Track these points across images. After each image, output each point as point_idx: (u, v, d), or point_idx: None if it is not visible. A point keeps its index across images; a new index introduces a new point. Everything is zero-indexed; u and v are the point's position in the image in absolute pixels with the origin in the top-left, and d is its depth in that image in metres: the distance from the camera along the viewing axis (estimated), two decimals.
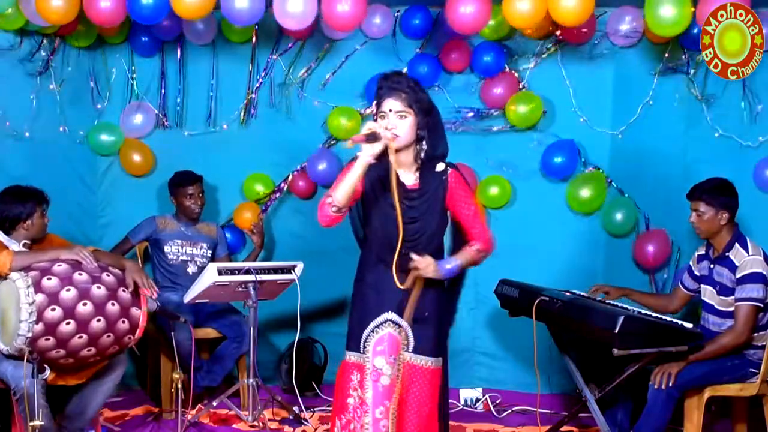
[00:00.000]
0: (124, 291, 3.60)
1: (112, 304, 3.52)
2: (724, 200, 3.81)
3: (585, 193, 4.79)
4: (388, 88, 3.12)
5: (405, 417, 3.21)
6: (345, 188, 3.03)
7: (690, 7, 4.19)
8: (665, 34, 4.36)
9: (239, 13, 4.33)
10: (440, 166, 3.20)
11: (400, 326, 3.18)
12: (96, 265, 3.58)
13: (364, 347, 3.21)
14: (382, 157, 3.04)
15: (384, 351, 3.18)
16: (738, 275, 3.72)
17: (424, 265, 3.08)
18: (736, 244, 3.78)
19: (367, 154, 3.00)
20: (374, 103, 3.17)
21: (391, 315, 3.17)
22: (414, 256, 3.09)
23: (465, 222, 3.25)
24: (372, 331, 3.21)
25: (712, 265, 3.88)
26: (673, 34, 4.36)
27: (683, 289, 4.09)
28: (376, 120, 3.13)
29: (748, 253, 3.73)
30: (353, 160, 3.15)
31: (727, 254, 3.79)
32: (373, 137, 3.00)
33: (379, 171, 3.10)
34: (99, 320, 3.48)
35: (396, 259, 3.08)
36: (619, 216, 4.77)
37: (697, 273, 4.00)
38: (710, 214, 3.81)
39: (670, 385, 3.63)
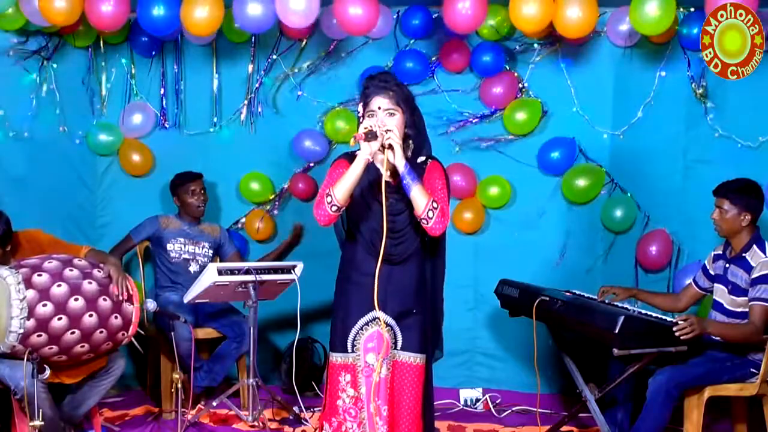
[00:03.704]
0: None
1: (104, 300, 3.52)
2: (749, 202, 3.80)
3: (581, 182, 4.78)
4: (376, 86, 3.15)
5: (396, 414, 3.22)
6: (346, 186, 3.07)
7: (674, 6, 4.19)
8: (649, 33, 4.37)
9: (252, 20, 4.40)
10: (421, 158, 3.24)
11: (388, 324, 3.20)
12: (87, 262, 3.59)
13: (353, 346, 3.23)
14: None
15: (375, 348, 3.20)
16: (753, 275, 3.71)
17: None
18: (754, 246, 3.78)
19: (366, 152, 3.04)
20: (360, 103, 3.19)
21: (379, 313, 3.17)
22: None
23: None
24: (361, 329, 3.22)
25: (727, 265, 3.87)
26: (657, 33, 4.36)
27: (695, 287, 4.09)
28: (362, 120, 3.15)
29: (765, 254, 3.73)
30: (340, 158, 3.20)
31: (743, 255, 3.79)
32: (371, 135, 3.02)
33: (368, 172, 3.13)
34: (91, 315, 3.47)
35: (381, 254, 3.08)
36: (618, 212, 4.76)
37: (711, 272, 3.99)
38: (733, 213, 3.80)
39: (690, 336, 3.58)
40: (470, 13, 4.32)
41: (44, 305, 3.38)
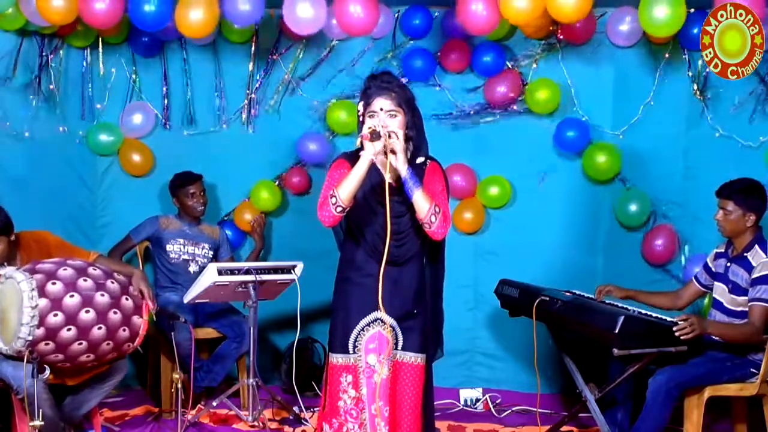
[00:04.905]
0: (127, 299, 3.59)
1: (114, 313, 3.51)
2: (753, 202, 3.78)
3: (601, 158, 4.71)
4: (378, 87, 3.14)
5: (398, 414, 3.23)
6: (350, 187, 3.07)
7: (684, 8, 4.19)
8: (660, 35, 4.36)
9: (241, 14, 4.35)
10: (420, 159, 3.23)
11: (390, 325, 3.19)
12: (101, 272, 3.58)
13: (355, 347, 3.23)
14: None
15: (376, 349, 3.20)
16: (754, 275, 3.70)
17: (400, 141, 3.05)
18: (756, 246, 3.77)
19: (370, 152, 3.03)
20: (361, 103, 3.18)
21: (380, 314, 3.17)
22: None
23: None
24: (362, 330, 3.22)
25: (728, 264, 3.87)
26: (667, 35, 4.35)
27: (696, 284, 4.09)
28: (363, 121, 3.14)
29: (767, 255, 3.72)
30: (340, 158, 3.20)
31: (745, 255, 3.78)
32: (376, 135, 3.02)
33: (369, 174, 3.12)
34: (100, 328, 3.47)
35: (386, 256, 3.07)
36: (633, 207, 4.72)
37: (713, 270, 3.99)
38: (737, 214, 3.79)
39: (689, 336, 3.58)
40: (484, 15, 4.25)
41: (55, 315, 3.37)
